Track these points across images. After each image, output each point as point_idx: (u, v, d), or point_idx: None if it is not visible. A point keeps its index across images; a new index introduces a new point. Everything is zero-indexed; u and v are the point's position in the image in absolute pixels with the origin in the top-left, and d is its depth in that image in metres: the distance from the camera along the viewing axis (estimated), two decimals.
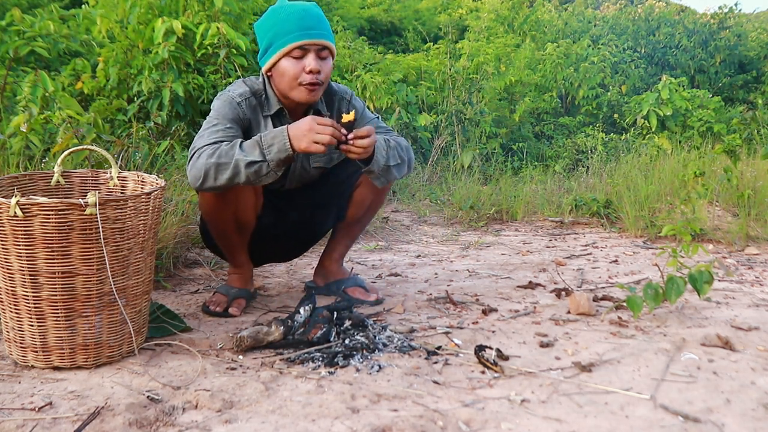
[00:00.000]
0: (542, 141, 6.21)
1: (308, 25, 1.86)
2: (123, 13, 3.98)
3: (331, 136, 1.71)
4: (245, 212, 2.00)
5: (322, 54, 1.89)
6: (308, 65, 1.86)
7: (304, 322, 1.85)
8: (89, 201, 1.48)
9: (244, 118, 1.94)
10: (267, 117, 1.97)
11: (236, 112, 1.92)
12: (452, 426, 1.33)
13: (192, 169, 1.80)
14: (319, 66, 1.87)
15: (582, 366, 1.64)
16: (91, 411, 1.37)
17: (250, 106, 1.95)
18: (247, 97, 1.95)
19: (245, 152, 1.73)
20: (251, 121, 1.96)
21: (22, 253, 1.50)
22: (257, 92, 1.97)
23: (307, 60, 1.87)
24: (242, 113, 1.93)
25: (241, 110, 1.93)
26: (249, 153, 1.73)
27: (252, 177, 1.75)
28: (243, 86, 1.98)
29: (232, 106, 1.92)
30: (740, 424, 1.36)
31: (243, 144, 1.76)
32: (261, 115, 1.97)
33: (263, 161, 1.73)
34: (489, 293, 2.35)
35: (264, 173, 1.74)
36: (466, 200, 4.04)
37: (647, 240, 3.39)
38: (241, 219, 2.01)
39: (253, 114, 1.96)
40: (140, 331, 1.71)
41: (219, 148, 1.76)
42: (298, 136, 1.71)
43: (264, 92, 1.98)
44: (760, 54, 9.18)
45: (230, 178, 1.75)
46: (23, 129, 2.62)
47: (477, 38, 6.91)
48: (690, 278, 2.00)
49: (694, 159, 4.07)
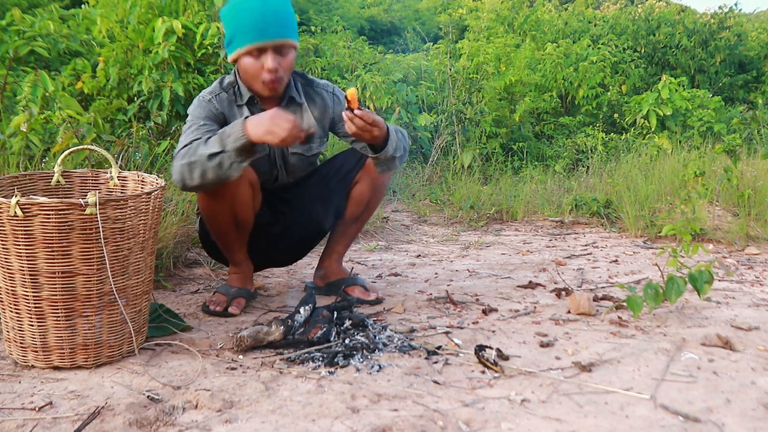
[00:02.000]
0: (542, 141, 6.21)
1: (265, 25, 1.86)
2: (123, 13, 3.98)
3: (289, 132, 1.71)
4: (243, 209, 2.00)
5: (281, 51, 1.91)
6: (266, 64, 1.89)
7: (304, 322, 1.85)
8: (89, 201, 1.48)
9: (218, 113, 1.97)
10: (241, 106, 2.00)
11: (208, 109, 1.96)
12: (452, 426, 1.33)
13: (173, 172, 1.84)
14: (277, 63, 1.89)
15: (582, 366, 1.64)
16: (91, 411, 1.37)
17: (221, 101, 1.99)
18: (217, 93, 1.99)
19: (208, 146, 1.76)
20: (225, 114, 1.99)
21: (22, 253, 1.50)
22: (229, 85, 2.01)
23: (264, 59, 1.89)
24: (214, 108, 1.97)
25: (212, 106, 1.97)
26: (210, 146, 1.76)
27: (217, 171, 1.76)
28: (214, 84, 2.02)
29: (202, 105, 1.97)
30: (740, 424, 1.36)
31: (209, 139, 1.79)
32: (235, 105, 2.00)
33: (222, 152, 1.74)
34: (489, 293, 2.35)
35: (227, 165, 1.75)
36: (466, 200, 4.04)
37: (647, 240, 3.39)
38: (239, 216, 2.01)
39: (228, 107, 1.99)
40: (140, 330, 1.71)
41: (190, 147, 1.80)
42: (255, 124, 1.73)
43: (236, 83, 2.01)
44: (760, 54, 9.19)
45: (201, 175, 1.77)
46: (23, 129, 2.62)
47: (477, 38, 6.90)
48: (690, 278, 2.00)
49: (694, 159, 4.06)
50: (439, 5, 10.98)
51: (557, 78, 6.69)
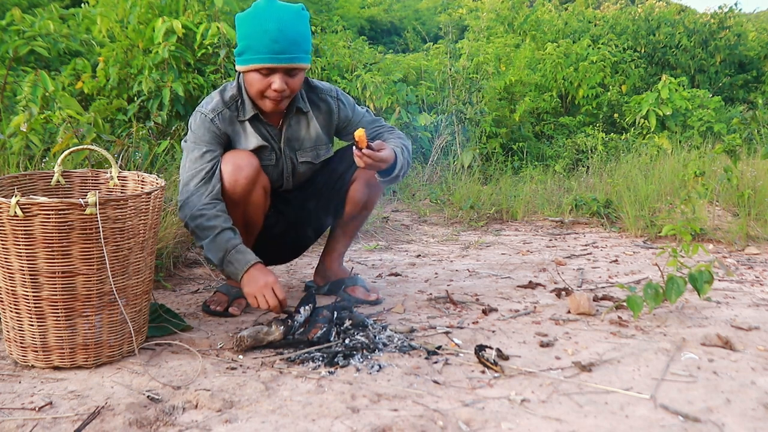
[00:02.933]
0: (542, 141, 6.21)
1: (279, 48, 1.86)
2: (123, 13, 3.97)
3: (268, 307, 1.84)
4: (255, 212, 2.03)
5: (290, 73, 1.91)
6: (273, 85, 1.90)
7: (304, 322, 1.85)
8: (89, 201, 1.48)
9: (221, 133, 1.99)
10: (244, 122, 2.00)
11: (212, 131, 1.97)
12: (452, 426, 1.33)
13: (179, 211, 1.96)
14: (285, 84, 1.90)
15: (582, 366, 1.64)
16: (91, 411, 1.37)
17: (224, 120, 1.99)
18: (219, 111, 1.98)
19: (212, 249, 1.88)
20: (228, 134, 2.00)
21: (22, 253, 1.50)
22: (231, 100, 2.00)
23: (273, 78, 1.89)
24: (217, 129, 1.98)
25: (215, 126, 1.97)
26: (214, 252, 1.88)
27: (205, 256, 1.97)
28: (215, 98, 2.00)
29: (205, 126, 1.97)
30: (740, 423, 1.36)
31: (218, 237, 1.87)
32: (238, 122, 2.00)
33: (218, 266, 1.91)
34: (489, 293, 2.35)
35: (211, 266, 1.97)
36: (466, 200, 4.04)
37: (647, 240, 3.39)
38: (250, 219, 2.04)
39: (230, 125, 2.00)
40: (140, 330, 1.71)
41: (203, 215, 1.88)
42: (249, 283, 1.86)
43: (239, 96, 2.00)
44: (760, 54, 9.18)
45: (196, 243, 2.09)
46: (23, 129, 2.62)
47: (477, 38, 6.90)
48: (690, 278, 2.00)
49: (694, 159, 4.06)
50: (439, 5, 10.97)
51: (557, 78, 6.68)
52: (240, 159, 1.95)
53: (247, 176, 1.94)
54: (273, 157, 2.06)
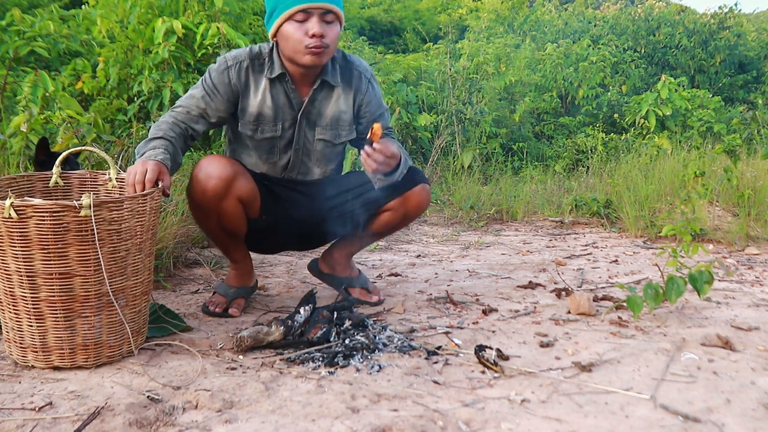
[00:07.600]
0: (542, 141, 6.21)
1: None
2: (123, 13, 3.97)
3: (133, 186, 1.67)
4: (231, 222, 1.97)
5: (326, 18, 1.86)
6: (311, 29, 1.84)
7: (304, 322, 1.85)
8: (83, 203, 1.48)
9: (231, 85, 1.96)
10: (267, 79, 1.97)
11: (222, 81, 1.95)
12: (452, 426, 1.33)
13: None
14: (323, 30, 1.85)
15: (582, 366, 1.63)
16: (91, 411, 1.37)
17: (240, 70, 1.96)
18: (240, 61, 1.96)
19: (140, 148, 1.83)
20: (239, 88, 1.97)
21: (18, 255, 1.50)
22: (258, 55, 1.98)
23: (310, 23, 1.84)
24: (227, 80, 1.95)
25: (226, 77, 1.95)
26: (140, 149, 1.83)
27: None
28: (244, 50, 1.99)
29: (219, 71, 1.96)
30: (740, 424, 1.36)
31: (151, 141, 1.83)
32: (261, 76, 1.97)
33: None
34: (489, 293, 2.35)
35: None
36: (466, 200, 4.04)
37: (647, 240, 3.39)
38: (227, 227, 1.99)
39: (245, 77, 1.97)
40: (140, 331, 1.71)
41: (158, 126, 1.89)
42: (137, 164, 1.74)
43: (269, 56, 1.98)
44: (760, 54, 9.19)
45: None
46: (23, 129, 2.62)
47: (477, 38, 6.91)
48: (690, 278, 2.00)
49: (694, 159, 4.07)
50: (439, 5, 10.99)
51: (557, 78, 6.69)
52: (213, 168, 1.88)
53: (215, 187, 1.87)
54: (279, 128, 1.99)
